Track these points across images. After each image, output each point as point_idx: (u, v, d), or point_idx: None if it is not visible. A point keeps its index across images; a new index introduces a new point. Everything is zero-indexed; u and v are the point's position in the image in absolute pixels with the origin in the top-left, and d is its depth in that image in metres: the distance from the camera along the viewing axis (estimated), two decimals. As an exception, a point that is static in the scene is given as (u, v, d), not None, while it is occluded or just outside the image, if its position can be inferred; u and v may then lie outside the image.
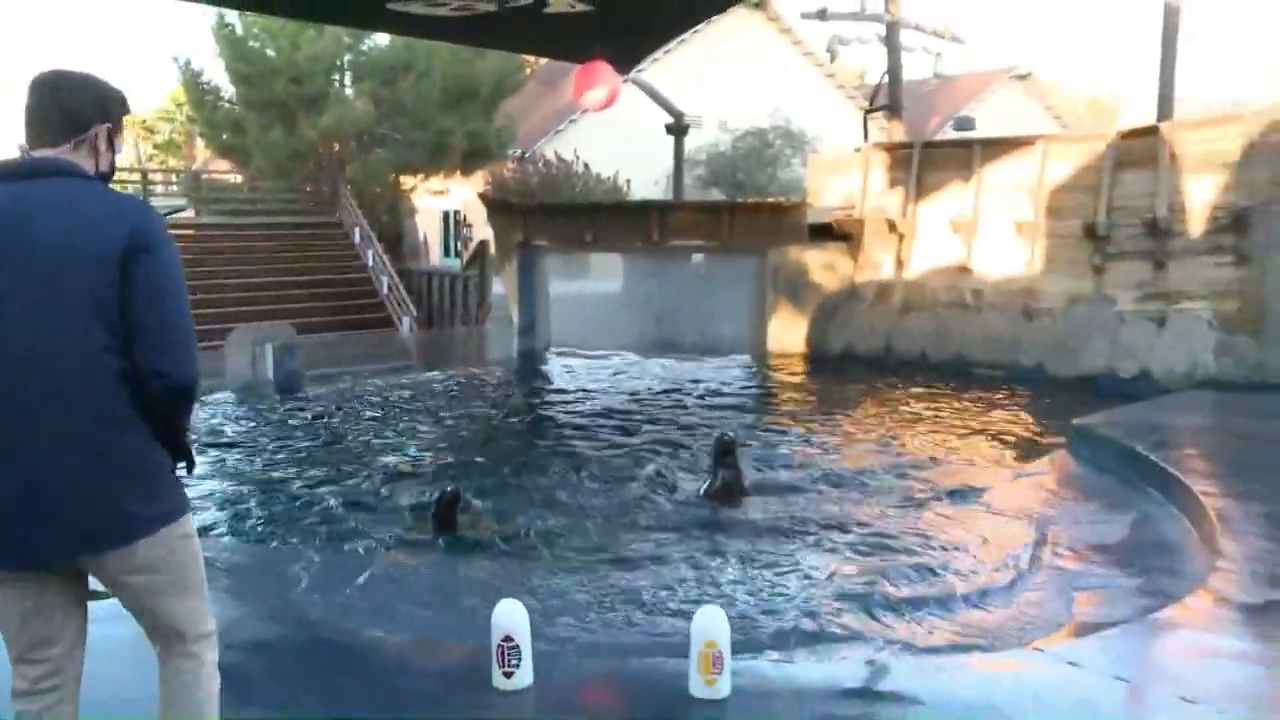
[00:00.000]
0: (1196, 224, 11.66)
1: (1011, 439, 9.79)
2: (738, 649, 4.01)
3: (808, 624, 5.23)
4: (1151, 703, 3.97)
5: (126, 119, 2.88)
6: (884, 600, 5.55)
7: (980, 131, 23.60)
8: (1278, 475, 7.22)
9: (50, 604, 2.71)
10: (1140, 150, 12.26)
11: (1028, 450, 9.31)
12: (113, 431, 2.60)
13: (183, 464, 2.84)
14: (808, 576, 5.99)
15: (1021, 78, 38.44)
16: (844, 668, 4.49)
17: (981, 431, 10.11)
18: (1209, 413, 9.75)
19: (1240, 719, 3.64)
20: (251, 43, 25.86)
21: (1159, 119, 14.31)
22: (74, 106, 2.72)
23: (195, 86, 27.52)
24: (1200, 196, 11.64)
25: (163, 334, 2.61)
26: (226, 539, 6.89)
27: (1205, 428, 9.16)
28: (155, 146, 46.73)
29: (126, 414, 2.62)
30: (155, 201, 28.96)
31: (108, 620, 2.96)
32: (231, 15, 25.39)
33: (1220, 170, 11.50)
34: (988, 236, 13.43)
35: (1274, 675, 4.24)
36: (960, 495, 7.74)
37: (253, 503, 7.70)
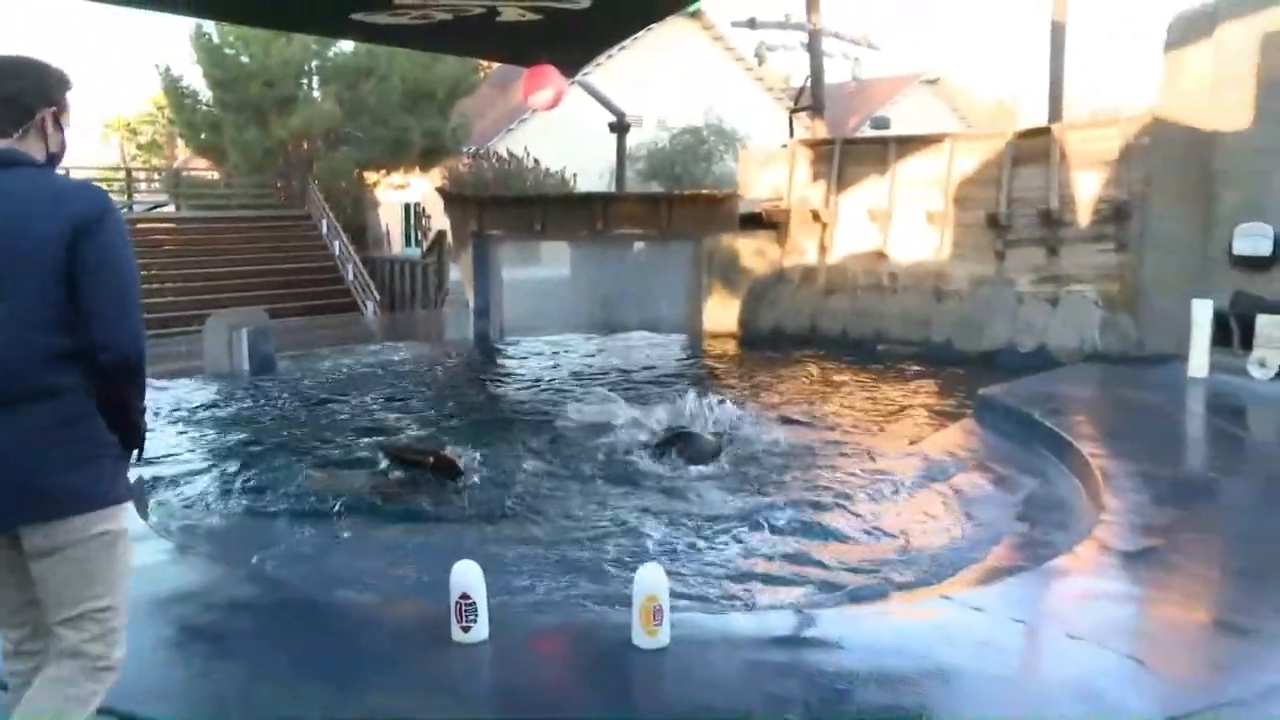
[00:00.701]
0: (1083, 215, 11.87)
1: (923, 407, 9.90)
2: (677, 602, 4.03)
3: (741, 579, 5.28)
4: (1044, 640, 4.06)
5: (71, 96, 2.70)
6: (809, 556, 5.62)
7: (895, 130, 23.75)
8: (1154, 438, 7.41)
9: (17, 569, 2.58)
10: (1035, 148, 12.44)
11: (938, 417, 9.42)
12: (58, 407, 2.48)
13: (135, 450, 2.70)
14: (740, 536, 6.03)
15: (931, 82, 38.69)
16: (774, 618, 4.52)
17: (897, 401, 10.22)
18: (1096, 383, 9.92)
19: (1119, 651, 3.74)
20: (227, 50, 25.54)
21: (1050, 121, 14.51)
22: (16, 93, 2.57)
23: (175, 91, 27.14)
24: (1086, 190, 11.85)
25: (110, 310, 2.50)
26: (205, 508, 6.81)
27: (1093, 397, 9.33)
28: (138, 147, 45.87)
29: (75, 394, 2.52)
30: (139, 197, 28.61)
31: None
32: (209, 25, 25.13)
33: (1102, 167, 11.71)
34: (902, 225, 13.54)
35: (1147, 613, 4.37)
36: (878, 459, 7.83)
37: (230, 475, 7.59)
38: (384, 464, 7.61)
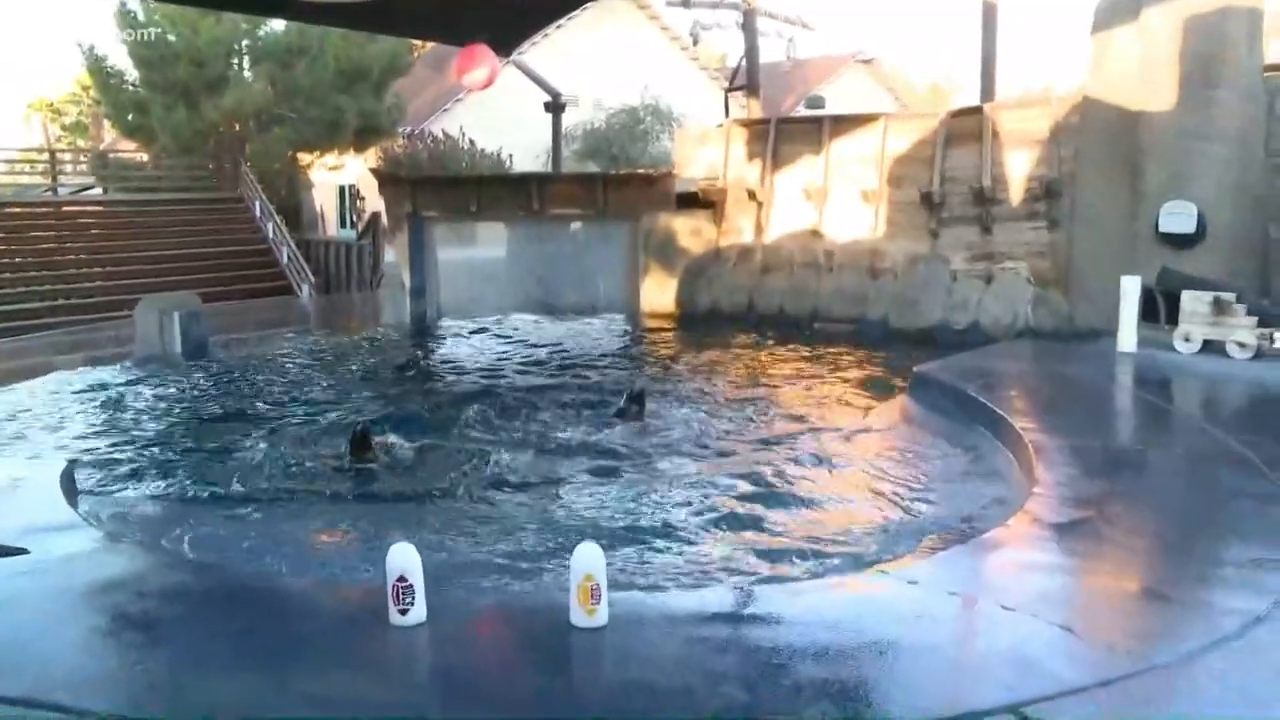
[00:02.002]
0: (1015, 193, 12.05)
1: (860, 384, 9.99)
2: (614, 581, 4.02)
3: (678, 556, 5.28)
4: (977, 611, 4.10)
5: None
6: (746, 533, 5.64)
7: (830, 110, 23.87)
8: (1084, 412, 7.56)
9: None
10: (967, 127, 12.59)
11: (874, 393, 9.50)
12: None
13: None
14: (679, 513, 6.03)
15: (866, 62, 38.87)
16: (712, 595, 4.52)
17: (834, 377, 10.31)
18: (1028, 358, 10.08)
19: (1051, 621, 3.80)
20: (153, 28, 24.86)
21: (982, 101, 14.67)
22: None
23: (100, 70, 26.35)
24: (1017, 169, 12.02)
25: None
26: (137, 495, 6.66)
27: (1025, 371, 9.46)
28: (63, 128, 44.63)
29: None
30: (64, 180, 27.86)
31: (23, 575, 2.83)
32: (133, 2, 24.52)
33: (1033, 146, 11.90)
34: (837, 203, 13.64)
35: (1077, 583, 4.44)
36: (815, 436, 7.88)
37: (162, 460, 7.44)
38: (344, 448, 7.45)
